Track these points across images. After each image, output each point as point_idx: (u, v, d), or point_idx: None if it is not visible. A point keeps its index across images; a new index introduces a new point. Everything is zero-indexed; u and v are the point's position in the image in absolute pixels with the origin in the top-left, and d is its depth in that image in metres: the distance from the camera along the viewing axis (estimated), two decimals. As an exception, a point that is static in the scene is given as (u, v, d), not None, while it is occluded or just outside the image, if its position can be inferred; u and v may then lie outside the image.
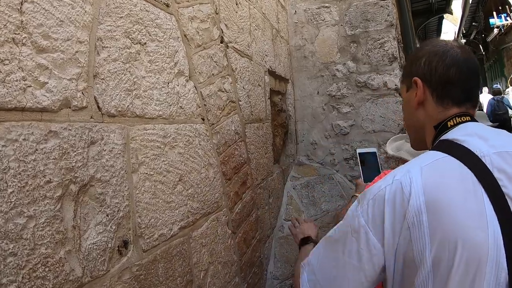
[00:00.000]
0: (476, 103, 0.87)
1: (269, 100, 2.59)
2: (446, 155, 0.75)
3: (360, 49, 3.29)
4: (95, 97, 1.05)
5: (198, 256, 1.52)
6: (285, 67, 3.16)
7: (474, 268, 0.66)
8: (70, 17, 0.97)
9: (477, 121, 0.83)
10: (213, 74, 1.76)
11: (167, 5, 1.43)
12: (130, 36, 1.21)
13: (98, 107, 1.06)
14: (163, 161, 1.33)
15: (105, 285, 1.01)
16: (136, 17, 1.24)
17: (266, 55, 2.60)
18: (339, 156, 3.25)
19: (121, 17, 1.16)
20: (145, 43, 1.29)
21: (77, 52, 0.98)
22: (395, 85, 3.18)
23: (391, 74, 3.21)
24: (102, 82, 1.08)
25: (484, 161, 0.72)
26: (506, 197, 0.68)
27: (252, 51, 2.32)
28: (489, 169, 0.71)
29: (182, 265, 1.40)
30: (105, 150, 1.06)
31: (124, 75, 1.18)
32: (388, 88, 3.21)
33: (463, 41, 14.88)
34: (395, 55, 3.21)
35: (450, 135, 0.81)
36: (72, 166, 0.93)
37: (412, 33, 4.33)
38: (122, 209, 1.11)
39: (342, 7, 3.33)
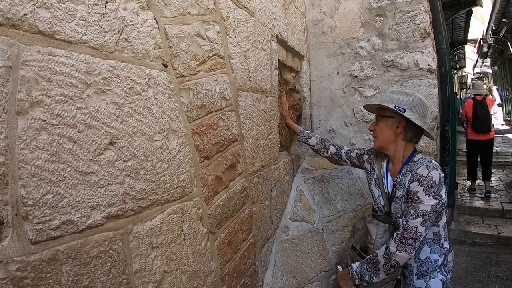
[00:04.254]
0: None
1: (276, 71, 2.03)
2: None
3: (387, 23, 2.66)
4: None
5: (143, 261, 0.98)
6: (300, 41, 2.59)
7: None
8: None
9: None
10: (188, 13, 1.23)
11: None
12: None
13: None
14: (80, 108, 0.82)
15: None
16: None
17: (274, 19, 2.05)
18: (361, 147, 2.63)
19: None
20: None
21: None
22: (428, 65, 2.54)
23: (423, 52, 2.57)
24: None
25: None
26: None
27: (255, 7, 1.77)
28: None
29: (110, 272, 0.87)
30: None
31: (27, -30, 0.72)
32: (419, 68, 2.57)
33: (492, 39, 13.56)
34: (427, 30, 2.57)
35: None
36: None
37: (443, 19, 3.66)
38: (-8, 166, 0.65)
39: (367, -25, 2.73)
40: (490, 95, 5.96)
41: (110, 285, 0.88)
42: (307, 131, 2.12)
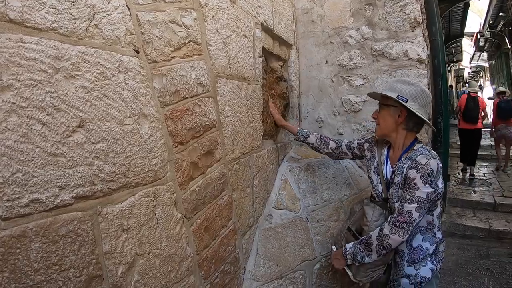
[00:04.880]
0: None
1: (260, 59, 2.06)
2: None
3: (376, 12, 2.69)
4: None
5: (113, 242, 1.02)
6: (288, 30, 2.61)
7: None
8: None
9: None
10: (163, -1, 1.26)
11: None
12: None
13: None
14: (49, 92, 0.86)
15: None
16: None
17: (259, 7, 2.07)
18: (349, 137, 2.68)
19: None
20: None
21: None
22: (418, 55, 2.57)
23: (413, 42, 2.59)
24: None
25: None
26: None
27: (237, -7, 1.79)
28: None
29: (79, 251, 0.92)
30: None
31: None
32: (409, 58, 2.60)
33: (489, 33, 13.58)
34: (417, 20, 2.59)
35: None
36: None
37: (437, 10, 3.67)
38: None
39: (358, -37, 2.74)
40: (481, 96, 6.99)
41: (79, 264, 0.93)
42: (304, 130, 2.17)
